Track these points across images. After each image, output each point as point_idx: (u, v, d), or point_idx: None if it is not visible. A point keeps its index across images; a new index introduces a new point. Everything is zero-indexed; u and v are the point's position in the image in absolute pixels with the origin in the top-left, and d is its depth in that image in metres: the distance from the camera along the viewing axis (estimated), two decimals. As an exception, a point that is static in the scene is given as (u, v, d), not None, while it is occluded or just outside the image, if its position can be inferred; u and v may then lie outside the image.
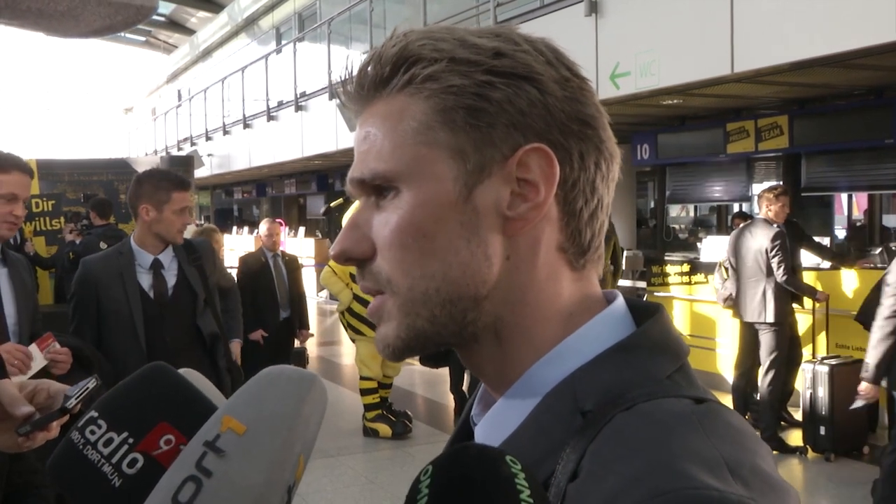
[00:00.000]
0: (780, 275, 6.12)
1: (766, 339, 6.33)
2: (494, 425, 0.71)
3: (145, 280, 3.47)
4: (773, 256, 6.14)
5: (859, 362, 6.21)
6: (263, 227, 7.53)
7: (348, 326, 6.94)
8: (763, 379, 6.31)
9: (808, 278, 6.93)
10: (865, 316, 5.97)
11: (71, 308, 3.53)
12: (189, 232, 6.44)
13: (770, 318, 6.22)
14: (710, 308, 7.65)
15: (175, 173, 3.47)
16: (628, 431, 0.60)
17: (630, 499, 0.55)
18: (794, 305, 6.50)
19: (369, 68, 0.72)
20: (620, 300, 0.74)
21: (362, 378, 6.87)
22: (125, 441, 0.69)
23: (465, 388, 7.77)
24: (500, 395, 0.72)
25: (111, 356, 3.35)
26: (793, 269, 6.22)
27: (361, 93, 0.73)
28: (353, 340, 7.04)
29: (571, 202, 0.70)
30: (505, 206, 0.69)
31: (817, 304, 6.67)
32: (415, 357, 0.73)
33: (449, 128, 0.69)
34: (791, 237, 6.44)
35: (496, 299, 0.70)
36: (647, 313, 0.73)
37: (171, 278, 3.50)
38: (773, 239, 6.15)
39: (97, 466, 0.69)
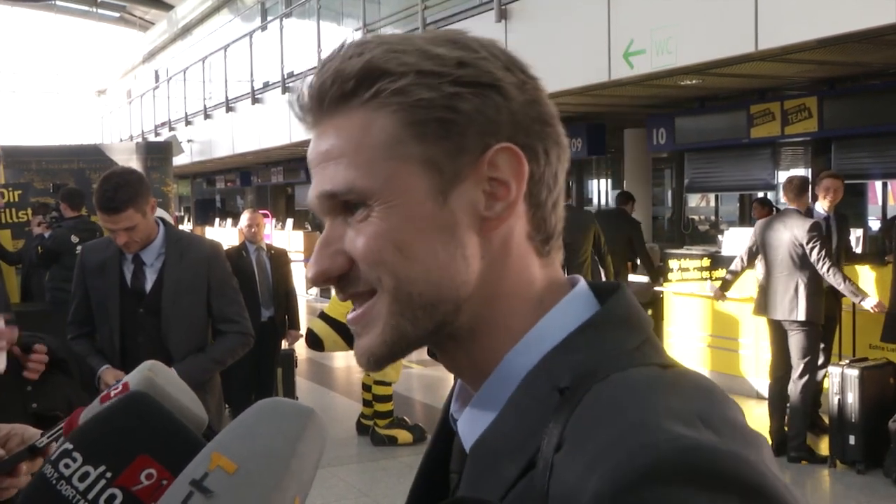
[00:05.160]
0: (823, 269, 6.07)
1: (797, 340, 6.30)
2: (475, 418, 0.78)
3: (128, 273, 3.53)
4: (812, 249, 6.08)
5: (893, 365, 6.25)
6: (244, 217, 7.51)
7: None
8: (795, 383, 6.29)
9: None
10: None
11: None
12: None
13: (801, 315, 6.19)
14: (733, 306, 7.65)
15: None
16: (605, 398, 0.68)
17: (612, 458, 0.61)
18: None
19: (329, 82, 0.76)
20: (583, 283, 0.82)
21: (378, 383, 6.77)
22: (102, 475, 0.68)
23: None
24: (478, 389, 0.79)
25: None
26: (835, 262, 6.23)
27: (321, 107, 0.78)
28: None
29: (537, 195, 0.78)
30: (481, 207, 0.76)
31: (871, 309, 6.43)
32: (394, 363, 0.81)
33: (419, 140, 0.74)
34: (839, 230, 6.56)
35: (475, 299, 0.77)
36: (609, 292, 0.80)
37: (152, 275, 3.52)
38: (811, 230, 6.11)
39: (72, 503, 0.68)
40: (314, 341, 6.68)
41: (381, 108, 0.75)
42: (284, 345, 7.62)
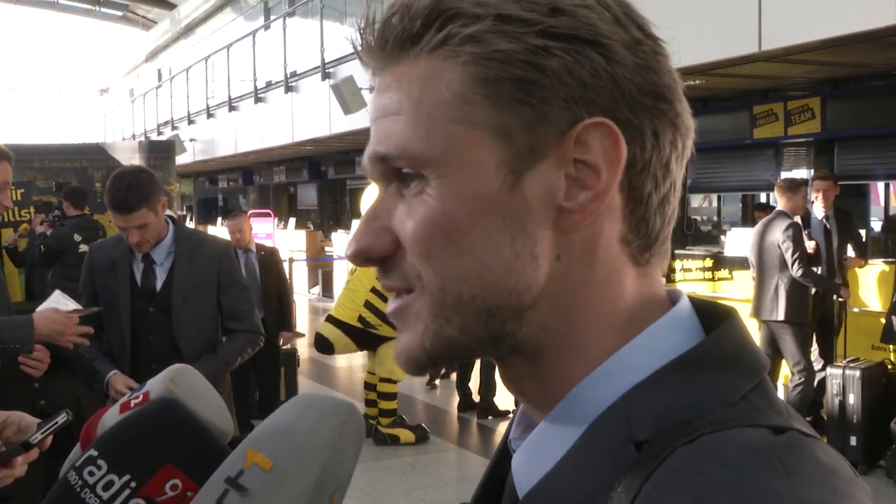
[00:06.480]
0: (794, 269, 6.17)
1: (784, 343, 6.35)
2: (534, 456, 0.65)
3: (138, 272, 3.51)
4: (787, 250, 6.19)
5: (884, 365, 6.27)
6: (228, 222, 7.47)
7: (369, 336, 6.64)
8: (791, 387, 6.33)
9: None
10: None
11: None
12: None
13: (781, 315, 6.25)
14: (737, 307, 7.65)
15: None
16: (689, 472, 0.53)
17: None
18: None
19: (395, 20, 0.64)
20: (685, 301, 0.67)
21: (384, 380, 6.75)
22: (127, 485, 0.67)
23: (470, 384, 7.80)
24: (542, 417, 0.66)
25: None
26: (808, 261, 6.28)
27: (384, 49, 0.65)
28: (374, 349, 6.84)
29: (638, 187, 0.63)
30: (561, 195, 0.62)
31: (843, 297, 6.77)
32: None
33: (492, 103, 0.61)
34: (841, 229, 6.63)
35: (542, 308, 0.63)
36: (717, 317, 0.66)
37: (162, 274, 3.50)
38: (786, 230, 6.24)
39: None
40: (324, 345, 6.67)
41: (451, 57, 0.62)
42: (282, 346, 7.61)
